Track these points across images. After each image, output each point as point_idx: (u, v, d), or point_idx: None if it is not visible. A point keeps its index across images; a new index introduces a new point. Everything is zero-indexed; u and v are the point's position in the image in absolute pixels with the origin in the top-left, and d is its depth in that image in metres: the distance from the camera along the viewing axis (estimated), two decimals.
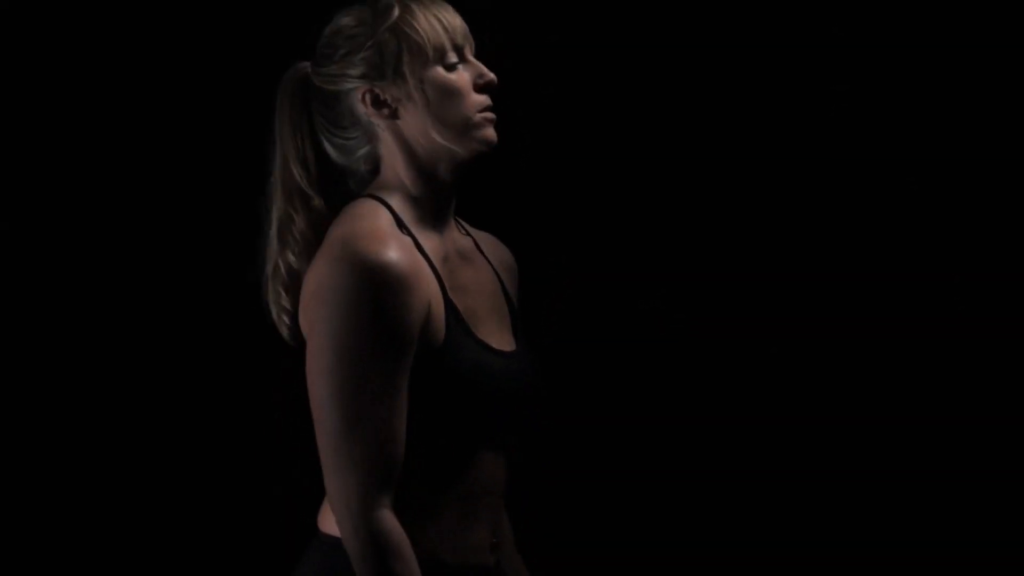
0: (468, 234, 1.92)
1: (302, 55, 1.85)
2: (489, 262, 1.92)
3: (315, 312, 1.68)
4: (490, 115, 1.78)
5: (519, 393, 1.80)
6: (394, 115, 1.77)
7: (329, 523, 1.77)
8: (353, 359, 1.65)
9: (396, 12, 1.76)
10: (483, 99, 1.78)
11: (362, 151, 1.80)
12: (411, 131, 1.77)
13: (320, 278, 1.68)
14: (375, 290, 1.65)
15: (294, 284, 1.78)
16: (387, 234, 1.70)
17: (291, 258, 1.79)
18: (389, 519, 1.67)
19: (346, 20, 1.79)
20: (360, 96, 1.77)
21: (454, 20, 1.78)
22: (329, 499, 1.69)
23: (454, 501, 1.77)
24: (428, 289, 1.71)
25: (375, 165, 1.81)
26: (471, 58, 1.79)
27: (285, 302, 1.79)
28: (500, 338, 1.83)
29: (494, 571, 1.83)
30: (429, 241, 1.78)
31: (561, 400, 2.70)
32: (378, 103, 1.77)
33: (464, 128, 1.76)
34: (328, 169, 1.83)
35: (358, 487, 1.65)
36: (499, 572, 1.87)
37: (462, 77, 1.77)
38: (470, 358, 1.74)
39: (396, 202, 1.77)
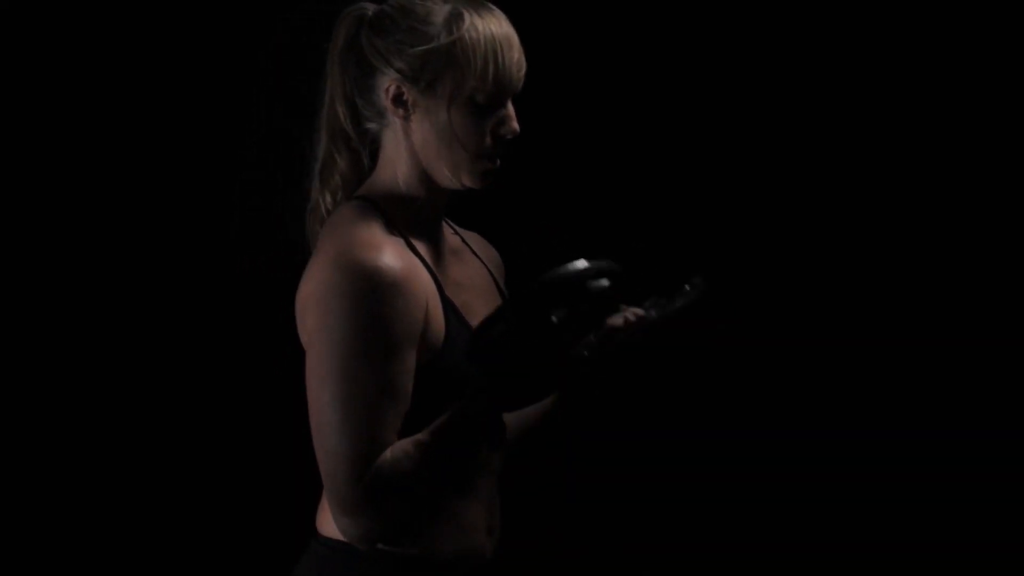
0: (456, 233, 1.94)
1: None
2: (479, 258, 1.94)
3: (314, 321, 1.68)
4: (491, 164, 1.78)
5: None
6: (407, 118, 1.78)
7: (327, 525, 1.77)
8: (355, 365, 1.65)
9: (462, 29, 1.74)
10: (494, 146, 1.78)
11: (370, 126, 1.81)
12: (417, 138, 1.78)
13: (317, 286, 1.69)
14: (373, 296, 1.66)
15: None
16: (380, 239, 1.71)
17: (328, 198, 1.82)
18: (370, 472, 1.65)
19: (420, 8, 1.77)
20: (386, 85, 1.77)
21: (512, 63, 1.75)
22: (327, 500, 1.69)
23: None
24: (425, 289, 1.72)
25: (375, 149, 1.82)
26: (507, 103, 1.78)
27: None
28: None
29: (490, 559, 1.83)
30: (421, 241, 1.79)
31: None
32: (398, 101, 1.77)
33: (462, 164, 1.77)
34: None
35: (349, 486, 1.64)
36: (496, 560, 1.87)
37: (487, 119, 1.76)
38: None
39: (388, 204, 1.78)
